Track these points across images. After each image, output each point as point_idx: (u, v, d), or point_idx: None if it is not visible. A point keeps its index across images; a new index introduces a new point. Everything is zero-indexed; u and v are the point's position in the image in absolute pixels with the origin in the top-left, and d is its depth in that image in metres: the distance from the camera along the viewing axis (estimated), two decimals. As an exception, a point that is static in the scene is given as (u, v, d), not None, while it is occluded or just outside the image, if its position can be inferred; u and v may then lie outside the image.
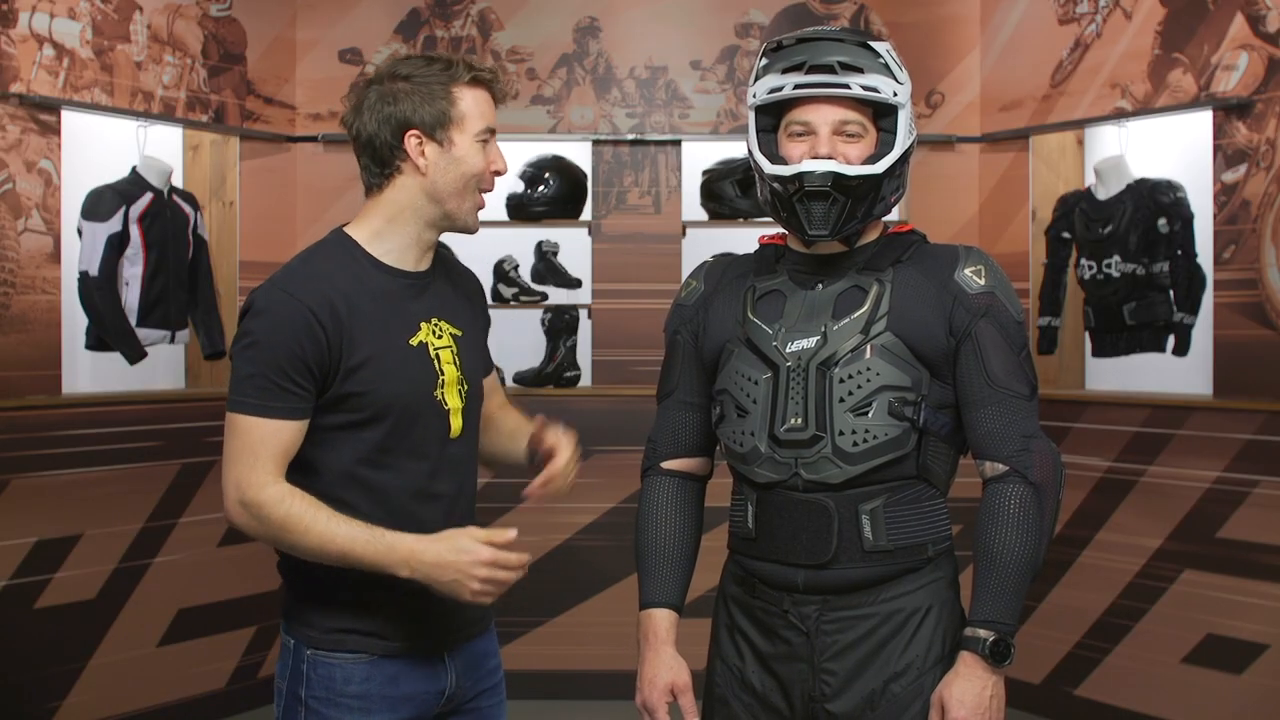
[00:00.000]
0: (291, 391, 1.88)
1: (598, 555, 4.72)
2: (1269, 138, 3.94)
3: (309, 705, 1.97)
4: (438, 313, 2.03)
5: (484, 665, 2.12)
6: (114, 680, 4.18)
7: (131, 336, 4.21)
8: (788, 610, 1.96)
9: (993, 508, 1.93)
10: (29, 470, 3.97)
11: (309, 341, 1.88)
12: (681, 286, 2.14)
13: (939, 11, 4.89)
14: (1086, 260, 4.42)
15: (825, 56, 1.90)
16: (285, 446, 1.89)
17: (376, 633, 1.96)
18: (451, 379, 2.01)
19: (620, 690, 2.55)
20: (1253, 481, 3.96)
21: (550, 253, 5.00)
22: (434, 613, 1.99)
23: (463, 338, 2.06)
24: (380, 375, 1.92)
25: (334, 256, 1.97)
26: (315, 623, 1.97)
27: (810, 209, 1.91)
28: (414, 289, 2.01)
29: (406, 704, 1.99)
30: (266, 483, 1.86)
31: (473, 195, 2.00)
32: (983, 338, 1.94)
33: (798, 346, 1.93)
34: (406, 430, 1.95)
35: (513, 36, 4.90)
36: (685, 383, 2.09)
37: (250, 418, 1.88)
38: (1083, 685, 4.41)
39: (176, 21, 4.48)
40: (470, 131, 1.97)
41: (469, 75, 1.97)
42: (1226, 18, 4.06)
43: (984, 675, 1.88)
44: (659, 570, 2.05)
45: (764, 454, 1.94)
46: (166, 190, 4.31)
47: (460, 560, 1.83)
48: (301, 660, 1.98)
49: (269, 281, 1.95)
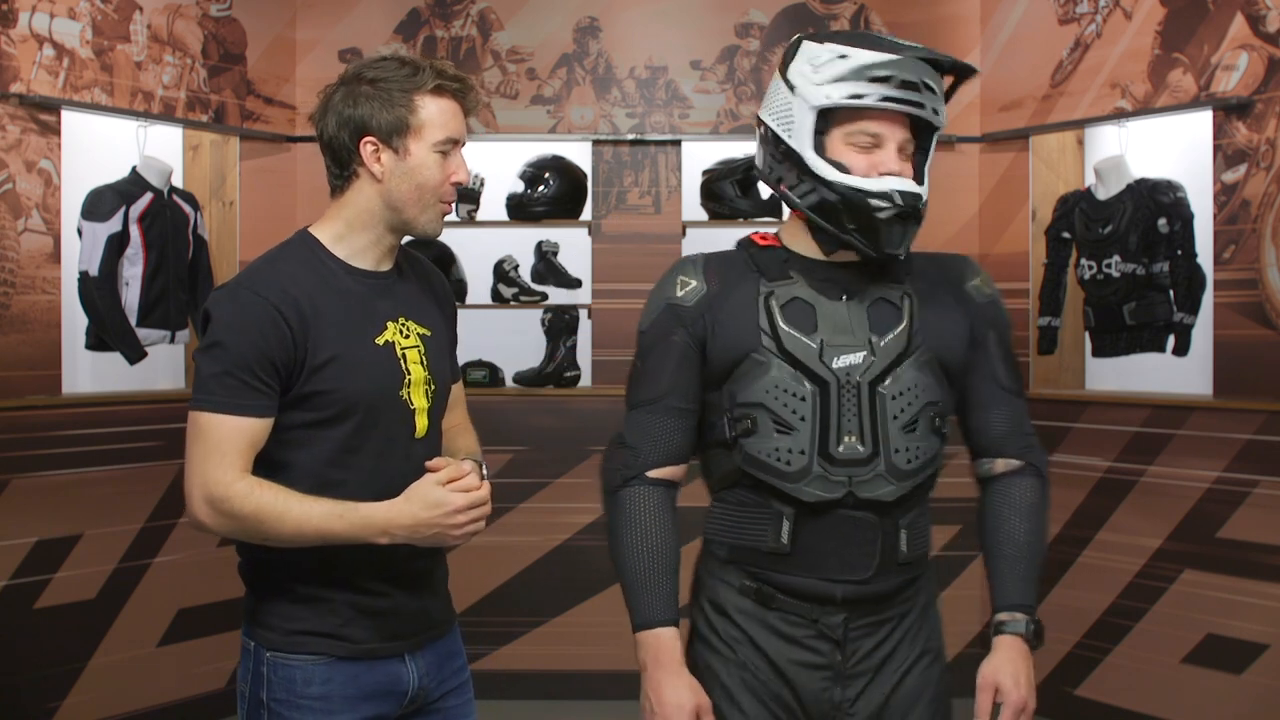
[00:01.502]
0: (256, 389, 1.87)
1: (598, 555, 4.71)
2: (1269, 138, 3.94)
3: (270, 708, 1.99)
4: (405, 312, 2.02)
5: (449, 665, 2.11)
6: (114, 680, 4.18)
7: (131, 336, 4.21)
8: (818, 620, 1.95)
9: (1014, 500, 2.04)
10: (29, 470, 3.97)
11: (274, 338, 1.87)
12: (670, 284, 2.02)
13: (939, 11, 4.89)
14: (1086, 260, 4.42)
15: (917, 75, 1.86)
16: (251, 444, 1.88)
17: (335, 634, 1.96)
18: (418, 379, 2.00)
19: (620, 690, 2.55)
20: (1253, 481, 3.96)
21: (550, 253, 5.00)
22: (395, 613, 1.99)
23: (431, 338, 2.05)
24: (345, 373, 1.92)
25: (298, 257, 1.97)
26: (274, 625, 1.98)
27: (893, 228, 1.88)
28: (379, 288, 2.00)
29: (368, 704, 1.98)
30: (233, 479, 1.86)
31: (431, 205, 1.97)
32: (992, 344, 2.03)
33: (845, 362, 1.91)
34: (371, 429, 1.95)
35: (513, 36, 4.90)
36: (680, 388, 1.98)
37: (215, 415, 1.87)
38: (1083, 685, 4.41)
39: (176, 21, 4.48)
40: (428, 141, 1.93)
41: (434, 83, 1.93)
42: (1226, 18, 4.06)
43: (1028, 655, 2.00)
44: (658, 585, 1.94)
45: (815, 472, 1.90)
46: (166, 190, 4.31)
47: (435, 515, 1.87)
48: (262, 663, 2.00)
49: (233, 281, 1.95)
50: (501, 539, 4.60)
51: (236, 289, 1.91)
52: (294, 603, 1.97)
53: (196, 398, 1.89)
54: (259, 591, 2.01)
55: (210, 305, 1.92)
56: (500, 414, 4.75)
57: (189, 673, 4.40)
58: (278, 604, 1.98)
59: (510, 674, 4.66)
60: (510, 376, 4.97)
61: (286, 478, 1.90)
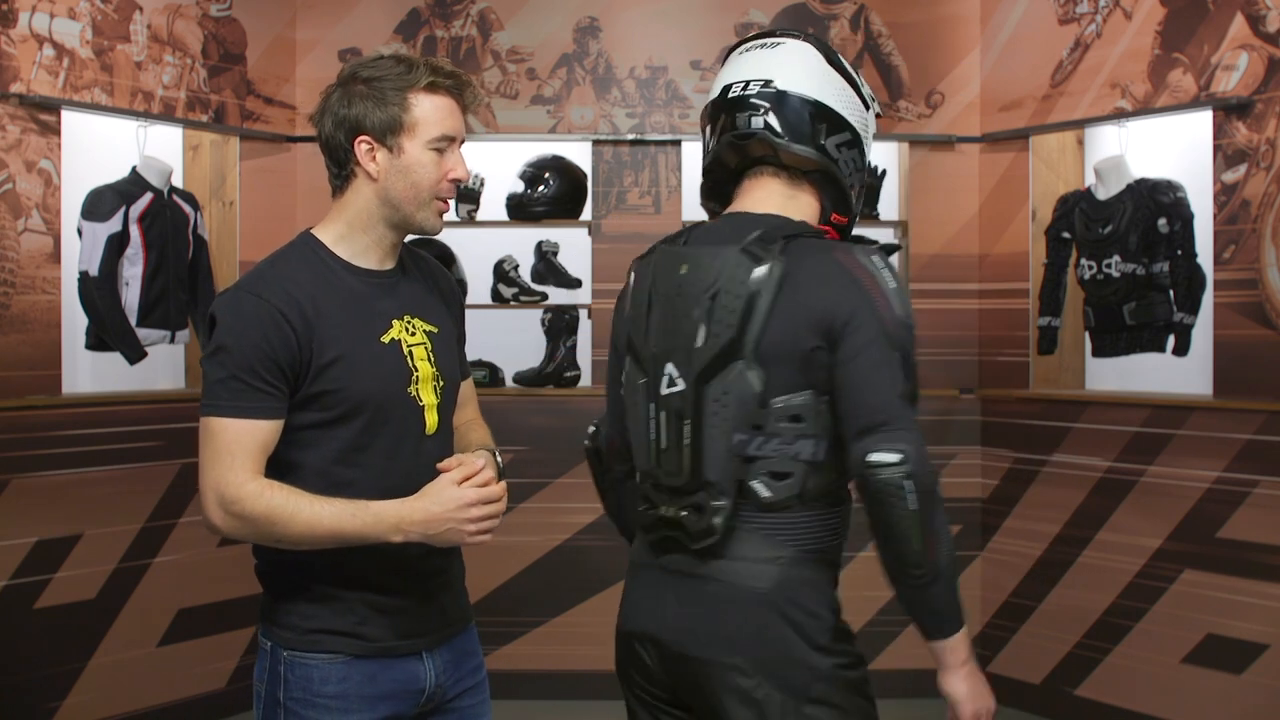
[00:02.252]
0: (264, 391, 1.87)
1: (598, 555, 4.72)
2: (1269, 138, 3.94)
3: (287, 707, 1.97)
4: (410, 309, 2.03)
5: (465, 664, 2.11)
6: (114, 680, 4.18)
7: (131, 336, 4.21)
8: None
9: None
10: (29, 470, 3.97)
11: (278, 340, 1.88)
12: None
13: (939, 11, 4.89)
14: (1086, 260, 4.42)
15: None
16: (261, 446, 1.88)
17: (352, 632, 1.96)
18: (426, 375, 2.01)
19: (620, 690, 2.54)
20: (1253, 481, 3.96)
21: (550, 253, 5.00)
22: (410, 611, 2.00)
23: (438, 334, 2.05)
24: (351, 373, 1.92)
25: (300, 258, 1.98)
26: (291, 624, 1.97)
27: None
28: (383, 287, 2.00)
29: (385, 703, 1.98)
30: (244, 480, 1.86)
31: (428, 203, 1.97)
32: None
33: None
34: (380, 427, 1.95)
35: (513, 36, 4.90)
36: None
37: (224, 419, 1.87)
38: (1083, 685, 4.41)
39: (176, 21, 4.48)
40: (422, 139, 1.93)
41: (427, 80, 1.93)
42: (1226, 18, 4.06)
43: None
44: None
45: None
46: (166, 190, 4.31)
47: (447, 510, 1.86)
48: (279, 662, 1.98)
49: (235, 286, 1.96)
50: (502, 539, 4.56)
51: (239, 293, 1.92)
52: (310, 602, 1.97)
53: (205, 403, 1.90)
54: (275, 591, 2.01)
55: (214, 310, 1.92)
56: (500, 414, 4.74)
57: (189, 673, 4.40)
58: (294, 603, 1.98)
59: (510, 674, 4.66)
60: (510, 376, 4.97)
61: (297, 478, 1.91)
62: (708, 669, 1.87)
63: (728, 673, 1.85)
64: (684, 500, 1.89)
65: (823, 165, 1.95)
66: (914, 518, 1.76)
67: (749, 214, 1.98)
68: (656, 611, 1.94)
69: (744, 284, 1.83)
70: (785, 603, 1.85)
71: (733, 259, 1.86)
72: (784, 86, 1.94)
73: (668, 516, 1.90)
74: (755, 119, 1.95)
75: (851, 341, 1.81)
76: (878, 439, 1.78)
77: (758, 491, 1.86)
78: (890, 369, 1.81)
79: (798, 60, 1.97)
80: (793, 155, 1.95)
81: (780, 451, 1.84)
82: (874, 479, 1.77)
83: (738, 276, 1.85)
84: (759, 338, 1.83)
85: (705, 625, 1.88)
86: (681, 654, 1.89)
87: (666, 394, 1.90)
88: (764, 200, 1.99)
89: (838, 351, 1.82)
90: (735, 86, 1.99)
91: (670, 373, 1.90)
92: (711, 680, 1.87)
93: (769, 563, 1.86)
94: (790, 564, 1.87)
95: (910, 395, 1.83)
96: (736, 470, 1.85)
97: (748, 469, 1.85)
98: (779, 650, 1.85)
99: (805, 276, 1.84)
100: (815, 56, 1.98)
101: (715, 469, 1.85)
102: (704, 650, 1.87)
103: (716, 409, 1.85)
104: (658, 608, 1.94)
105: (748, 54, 2.01)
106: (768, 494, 1.85)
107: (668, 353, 1.91)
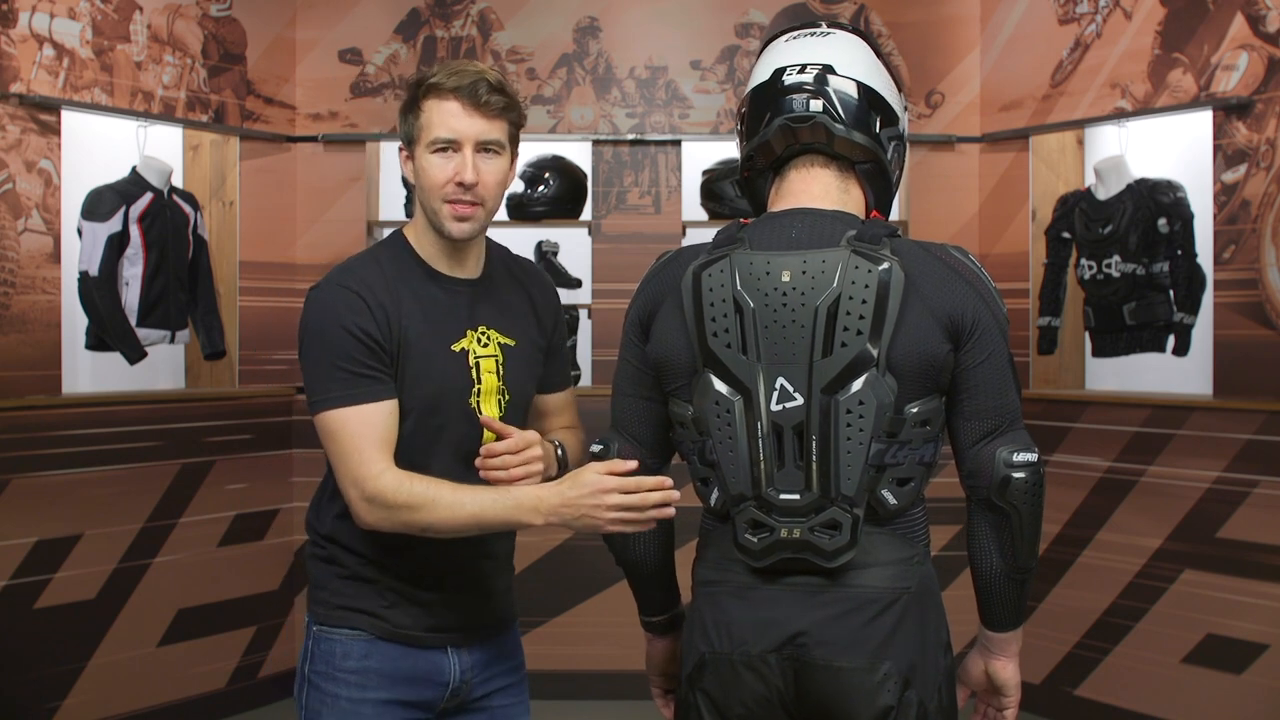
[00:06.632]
0: (367, 375, 1.90)
1: (598, 555, 4.70)
2: (1269, 138, 3.94)
3: (310, 680, 2.01)
4: (488, 321, 2.04)
5: (499, 665, 2.12)
6: (114, 680, 4.17)
7: (131, 336, 4.21)
8: None
9: None
10: (29, 470, 3.97)
11: (367, 323, 1.91)
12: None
13: (939, 11, 4.89)
14: (1086, 260, 4.42)
15: None
16: (383, 430, 1.90)
17: (377, 614, 2.00)
18: (490, 388, 2.02)
19: (620, 690, 2.54)
20: (1253, 481, 3.96)
21: (550, 253, 5.00)
22: (441, 606, 2.02)
23: (514, 348, 2.06)
24: (413, 372, 1.95)
25: (390, 256, 2.02)
26: (324, 600, 2.03)
27: None
28: (463, 295, 2.03)
29: (406, 686, 2.00)
30: (380, 472, 1.87)
31: (439, 207, 1.99)
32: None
33: None
34: (436, 432, 1.97)
35: (513, 36, 4.90)
36: None
37: (337, 411, 1.89)
38: (1083, 685, 4.41)
39: (176, 21, 4.48)
40: (424, 143, 1.98)
41: (430, 85, 1.98)
42: (1226, 18, 4.06)
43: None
44: None
45: None
46: (166, 190, 4.31)
47: (582, 495, 1.81)
48: (309, 637, 2.03)
49: (322, 280, 2.00)
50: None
51: (325, 286, 1.97)
52: (344, 579, 2.01)
53: (314, 400, 1.91)
54: (318, 573, 2.05)
55: (303, 311, 1.96)
56: (500, 414, 4.75)
57: (189, 673, 4.40)
58: (331, 581, 2.02)
59: (510, 674, 4.65)
60: (510, 376, 4.97)
61: None
62: (856, 678, 1.77)
63: (871, 679, 1.77)
64: (811, 519, 1.78)
65: (876, 156, 1.88)
66: (1040, 516, 1.83)
67: (817, 210, 1.85)
68: (788, 626, 1.80)
69: (869, 288, 1.72)
70: (927, 601, 1.84)
71: (848, 261, 1.74)
72: (844, 73, 1.85)
73: (791, 539, 1.79)
74: (814, 102, 1.83)
75: (980, 344, 1.78)
76: (1009, 439, 1.81)
77: (885, 500, 1.79)
78: (1012, 370, 1.83)
79: (854, 49, 1.90)
80: (848, 143, 1.85)
81: (909, 458, 1.79)
82: (1018, 479, 1.80)
83: (859, 280, 1.73)
84: (891, 343, 1.74)
85: (858, 633, 1.78)
86: (828, 665, 1.78)
87: (780, 409, 1.77)
88: (823, 195, 1.86)
89: (964, 354, 1.78)
90: (790, 70, 1.86)
91: (783, 386, 1.77)
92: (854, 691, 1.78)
93: (905, 563, 1.82)
94: (922, 562, 1.85)
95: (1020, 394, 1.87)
96: (869, 481, 1.77)
97: (879, 478, 1.78)
98: (920, 652, 1.81)
99: (921, 278, 1.77)
100: (866, 49, 1.92)
101: (851, 483, 1.76)
102: (853, 659, 1.78)
103: (851, 420, 1.74)
104: (789, 621, 1.80)
105: (797, 41, 1.91)
106: (895, 501, 1.79)
107: (777, 366, 1.77)
